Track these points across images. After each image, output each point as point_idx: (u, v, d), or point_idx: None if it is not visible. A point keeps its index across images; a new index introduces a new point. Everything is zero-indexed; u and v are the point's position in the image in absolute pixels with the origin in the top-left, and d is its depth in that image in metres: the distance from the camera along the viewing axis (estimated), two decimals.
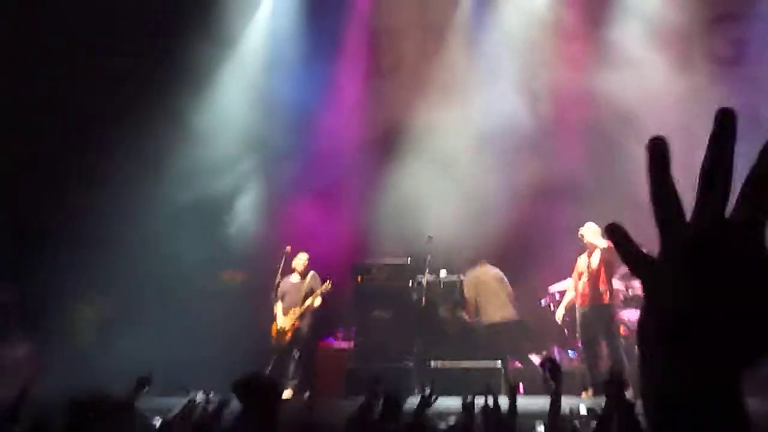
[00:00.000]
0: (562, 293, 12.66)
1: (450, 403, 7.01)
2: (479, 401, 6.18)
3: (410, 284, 12.60)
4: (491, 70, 13.97)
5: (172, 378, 11.27)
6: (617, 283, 12.25)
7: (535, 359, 12.88)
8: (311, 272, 12.54)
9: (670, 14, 13.61)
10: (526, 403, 8.15)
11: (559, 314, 11.93)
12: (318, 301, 12.43)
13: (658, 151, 1.14)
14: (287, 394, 11.75)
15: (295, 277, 12.51)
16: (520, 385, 12.42)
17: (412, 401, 6.67)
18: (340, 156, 14.17)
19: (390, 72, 14.84)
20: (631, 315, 12.33)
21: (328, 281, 12.48)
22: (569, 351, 12.83)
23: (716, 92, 13.30)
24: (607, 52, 13.73)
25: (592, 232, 11.47)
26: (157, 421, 6.81)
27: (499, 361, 12.00)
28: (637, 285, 12.52)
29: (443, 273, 12.78)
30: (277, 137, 14.16)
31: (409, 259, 12.70)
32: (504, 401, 6.21)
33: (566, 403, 7.07)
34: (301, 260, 12.49)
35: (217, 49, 14.08)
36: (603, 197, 13.23)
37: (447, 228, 12.73)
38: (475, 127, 13.65)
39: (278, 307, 12.43)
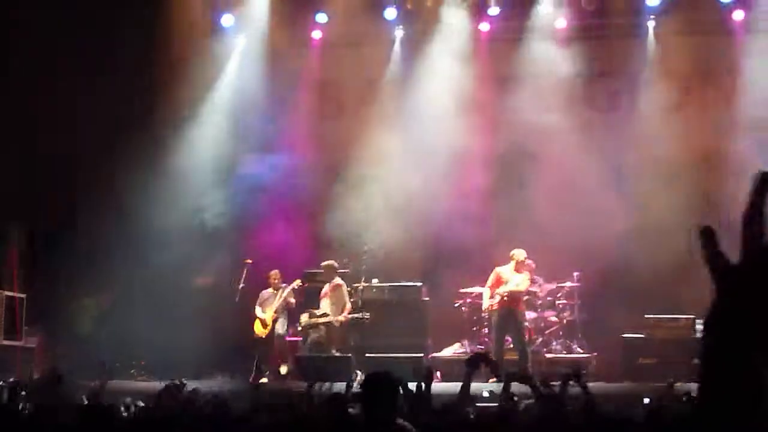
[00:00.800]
0: (471, 295, 15.36)
1: None
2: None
3: (349, 289, 15.00)
4: (417, 114, 16.23)
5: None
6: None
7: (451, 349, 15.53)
8: (284, 284, 14.99)
9: (560, 69, 16.06)
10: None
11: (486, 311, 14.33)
12: (292, 300, 14.95)
13: (762, 184, 1.32)
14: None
15: (270, 290, 15.05)
16: (438, 373, 15.06)
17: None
18: (296, 182, 16.37)
19: (335, 115, 17.18)
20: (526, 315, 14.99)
21: (298, 280, 15.00)
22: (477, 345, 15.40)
23: (593, 133, 16.05)
24: (511, 96, 16.05)
25: (524, 256, 14.12)
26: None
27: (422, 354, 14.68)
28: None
29: (375, 281, 15.26)
30: (244, 164, 16.35)
31: (349, 267, 15.19)
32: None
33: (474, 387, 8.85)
34: (274, 275, 15.03)
35: (196, 96, 16.38)
36: (508, 217, 15.99)
37: (381, 241, 15.26)
38: (404, 159, 15.96)
39: (258, 311, 14.94)
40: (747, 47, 15.81)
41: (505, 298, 14.02)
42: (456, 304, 15.52)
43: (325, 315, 14.67)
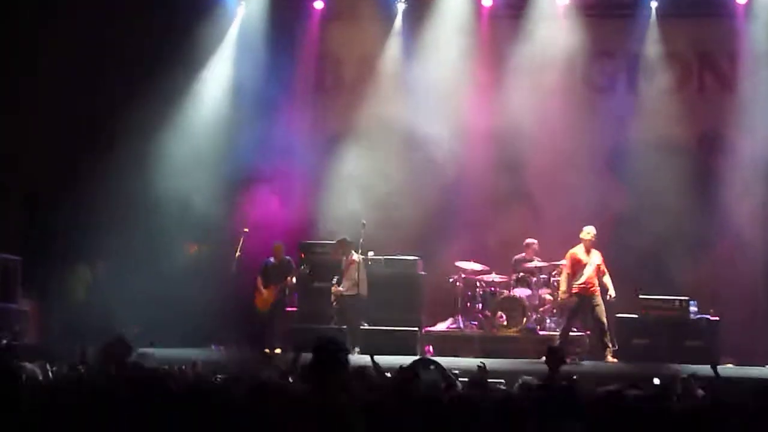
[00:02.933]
0: (466, 270, 15.36)
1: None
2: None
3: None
4: (416, 89, 16.18)
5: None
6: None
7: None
8: (287, 257, 14.92)
9: (558, 48, 15.95)
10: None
11: (564, 296, 14.29)
12: (294, 280, 14.85)
13: None
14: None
15: (273, 261, 14.91)
16: (430, 347, 15.14)
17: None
18: (292, 152, 16.26)
19: (334, 88, 17.14)
20: (521, 293, 15.09)
21: (303, 266, 14.96)
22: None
23: (592, 112, 16.06)
24: (508, 77, 16.07)
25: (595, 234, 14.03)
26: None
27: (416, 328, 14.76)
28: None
29: (371, 254, 15.22)
30: (241, 133, 16.10)
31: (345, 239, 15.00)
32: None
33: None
34: (278, 247, 14.92)
35: (195, 66, 16.23)
36: (505, 194, 16.06)
37: (377, 214, 15.26)
38: (400, 135, 16.05)
39: (260, 282, 14.85)
40: (747, 31, 15.80)
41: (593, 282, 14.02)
42: (451, 279, 15.48)
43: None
